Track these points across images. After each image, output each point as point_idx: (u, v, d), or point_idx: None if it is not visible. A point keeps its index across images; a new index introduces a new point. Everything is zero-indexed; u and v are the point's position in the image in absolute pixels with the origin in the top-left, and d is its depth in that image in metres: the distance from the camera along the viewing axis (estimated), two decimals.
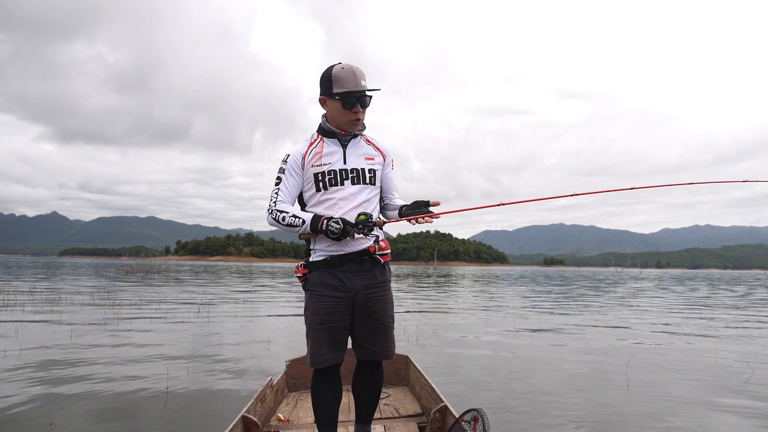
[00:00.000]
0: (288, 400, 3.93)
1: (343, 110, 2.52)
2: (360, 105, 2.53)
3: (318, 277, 2.56)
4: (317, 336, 2.54)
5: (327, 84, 2.52)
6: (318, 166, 2.56)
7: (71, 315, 10.30)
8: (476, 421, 2.64)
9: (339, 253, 2.55)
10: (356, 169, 2.60)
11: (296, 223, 2.49)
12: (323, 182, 2.56)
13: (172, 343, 7.24)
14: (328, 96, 2.54)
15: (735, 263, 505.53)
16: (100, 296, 14.98)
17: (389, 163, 2.77)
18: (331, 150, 2.60)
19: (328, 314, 2.53)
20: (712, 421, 4.15)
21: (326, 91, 2.53)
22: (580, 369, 6.06)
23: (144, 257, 47.41)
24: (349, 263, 2.55)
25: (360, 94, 2.51)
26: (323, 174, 2.56)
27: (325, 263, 2.55)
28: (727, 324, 10.91)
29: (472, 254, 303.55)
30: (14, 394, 4.53)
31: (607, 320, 11.26)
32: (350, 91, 2.47)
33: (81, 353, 6.41)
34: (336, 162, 2.58)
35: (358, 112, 2.54)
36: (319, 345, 2.54)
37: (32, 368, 5.55)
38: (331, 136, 2.62)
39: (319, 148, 2.60)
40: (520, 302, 16.32)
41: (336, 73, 2.49)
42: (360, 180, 2.60)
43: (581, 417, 4.16)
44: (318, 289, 2.55)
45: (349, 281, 2.55)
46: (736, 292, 26.05)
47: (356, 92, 2.48)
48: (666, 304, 16.33)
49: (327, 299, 2.53)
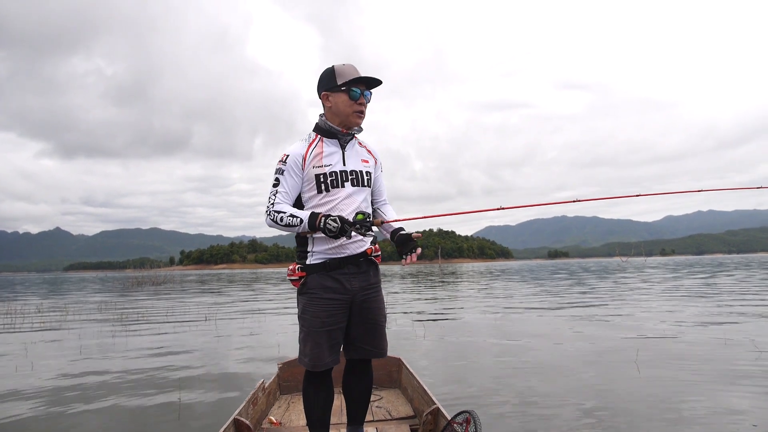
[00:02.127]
0: (280, 403, 3.93)
1: (349, 102, 2.52)
2: (364, 98, 2.55)
3: (317, 280, 2.54)
4: (318, 339, 2.53)
5: (330, 79, 2.53)
6: (319, 167, 2.54)
7: (80, 329, 10.31)
8: (468, 423, 2.64)
9: (338, 256, 2.55)
10: (355, 171, 2.61)
11: (294, 222, 2.47)
12: (325, 184, 2.54)
13: (179, 352, 7.26)
14: (331, 90, 2.54)
15: (740, 247, 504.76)
16: (107, 310, 15.01)
17: (379, 166, 2.79)
18: (331, 151, 2.59)
19: (328, 317, 2.53)
20: (724, 404, 4.12)
21: (330, 85, 2.54)
22: (584, 366, 6.03)
23: (149, 269, 47.48)
24: (347, 266, 2.56)
25: (364, 87, 2.54)
26: (325, 176, 2.54)
27: (323, 266, 2.54)
28: (737, 309, 10.88)
29: (476, 251, 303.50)
30: (27, 410, 4.54)
31: (612, 313, 11.23)
32: (355, 78, 2.50)
33: (91, 366, 6.43)
34: (336, 163, 2.57)
35: (363, 104, 2.56)
36: (320, 348, 2.53)
37: (44, 382, 5.56)
38: (331, 136, 2.61)
39: (319, 149, 2.58)
40: (523, 297, 16.30)
41: (338, 68, 2.53)
42: (358, 182, 2.60)
43: (580, 415, 4.13)
44: (318, 292, 2.54)
45: (348, 283, 2.56)
46: (752, 275, 25.94)
47: (361, 80, 2.52)
48: (680, 291, 16.29)
49: (327, 302, 2.53)
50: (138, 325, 10.94)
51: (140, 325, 10.94)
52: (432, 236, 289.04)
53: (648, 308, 11.44)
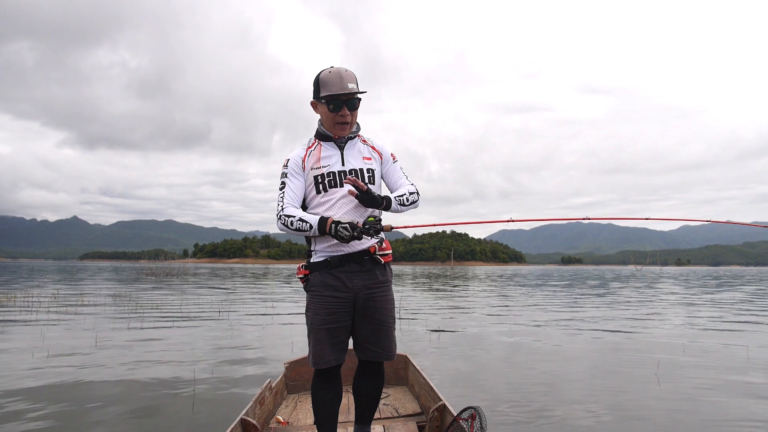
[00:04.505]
0: (287, 402, 3.94)
1: (329, 114, 2.56)
2: (347, 108, 2.55)
3: (319, 278, 2.58)
4: (319, 337, 2.56)
5: (316, 88, 2.58)
6: (317, 168, 2.60)
7: (95, 317, 10.48)
8: (473, 418, 2.67)
9: (339, 253, 2.57)
10: (354, 169, 2.64)
11: (304, 227, 2.50)
12: (323, 184, 2.60)
13: (191, 346, 7.33)
14: (317, 100, 2.59)
15: (757, 259, 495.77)
16: (122, 299, 15.22)
17: (388, 159, 2.78)
18: (328, 153, 2.64)
19: (328, 314, 2.55)
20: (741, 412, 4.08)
21: (315, 94, 2.59)
22: (595, 371, 6.00)
23: (163, 260, 47.93)
24: (349, 263, 2.58)
25: (345, 98, 2.52)
26: (323, 176, 2.60)
27: (325, 264, 2.58)
28: (758, 319, 10.72)
29: (488, 254, 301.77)
30: (42, 399, 4.63)
31: (631, 325, 11.12)
32: (334, 94, 2.50)
33: (104, 355, 6.53)
34: (335, 164, 2.62)
35: (345, 116, 2.57)
36: (321, 346, 2.55)
37: (59, 369, 5.66)
38: (328, 139, 2.66)
39: (317, 152, 2.64)
40: (535, 301, 16.19)
41: (323, 77, 2.53)
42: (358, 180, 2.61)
43: (586, 416, 4.11)
44: (319, 289, 2.57)
45: (350, 281, 2.57)
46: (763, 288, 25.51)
47: (341, 95, 2.51)
48: (700, 303, 16.08)
49: (327, 299, 2.55)
50: (152, 317, 11.07)
51: (155, 317, 11.07)
52: (445, 238, 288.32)
53: (682, 319, 11.30)
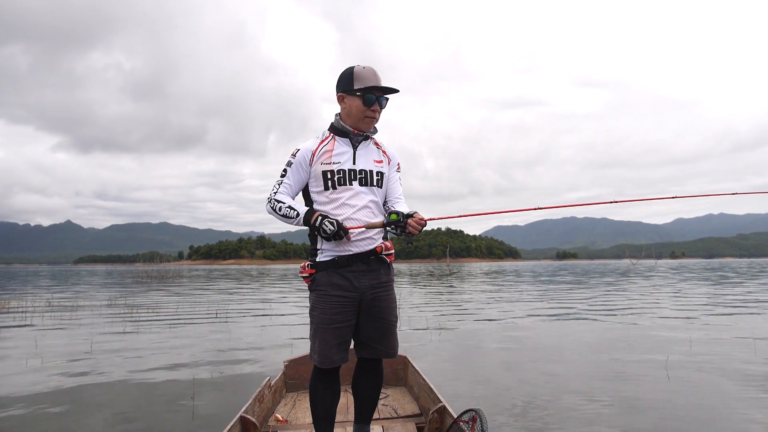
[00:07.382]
0: (286, 401, 3.95)
1: (362, 107, 2.57)
2: (378, 104, 2.60)
3: (326, 277, 2.58)
4: (325, 336, 2.56)
5: (348, 81, 2.58)
6: (327, 164, 2.60)
7: (90, 321, 10.40)
8: (474, 421, 2.65)
9: (347, 253, 2.58)
10: (365, 170, 2.64)
11: (291, 214, 2.55)
12: (331, 181, 2.59)
13: (189, 347, 7.29)
14: (347, 93, 2.59)
15: (751, 251, 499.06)
16: (117, 305, 15.12)
17: (394, 166, 2.80)
18: (341, 150, 2.64)
19: (335, 314, 2.55)
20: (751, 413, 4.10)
21: (347, 87, 2.58)
22: (592, 365, 5.99)
23: (158, 263, 47.68)
24: (356, 263, 2.58)
25: (380, 93, 2.59)
26: (332, 173, 2.59)
27: (332, 263, 2.58)
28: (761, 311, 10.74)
29: (484, 250, 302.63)
30: (37, 405, 4.59)
31: (624, 311, 11.14)
32: (371, 86, 2.54)
33: (101, 360, 6.47)
34: (346, 162, 2.62)
35: (376, 111, 2.61)
36: (327, 346, 2.56)
37: (54, 378, 5.61)
38: (343, 135, 2.66)
39: (329, 146, 2.64)
40: (531, 298, 16.21)
41: (358, 71, 2.56)
42: (368, 182, 2.63)
43: (588, 417, 4.14)
44: (326, 289, 2.57)
45: (357, 281, 2.58)
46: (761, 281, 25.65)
47: (378, 88, 2.56)
48: (694, 294, 16.14)
49: (335, 299, 2.56)
50: (148, 320, 11.02)
51: (150, 320, 11.02)
52: (440, 235, 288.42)
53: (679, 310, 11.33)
